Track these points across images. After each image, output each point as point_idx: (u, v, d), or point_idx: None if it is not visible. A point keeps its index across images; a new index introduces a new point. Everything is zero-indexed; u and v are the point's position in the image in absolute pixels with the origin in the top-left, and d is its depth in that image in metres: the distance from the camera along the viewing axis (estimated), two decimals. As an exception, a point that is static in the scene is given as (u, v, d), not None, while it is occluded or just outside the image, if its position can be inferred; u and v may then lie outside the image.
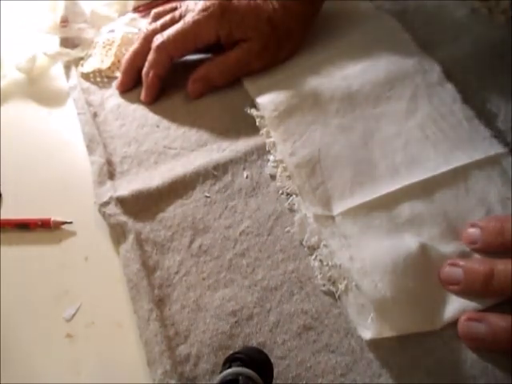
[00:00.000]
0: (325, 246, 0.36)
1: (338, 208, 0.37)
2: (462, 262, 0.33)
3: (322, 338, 0.33)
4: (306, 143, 0.41)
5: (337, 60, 0.46)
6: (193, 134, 0.44)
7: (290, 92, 0.44)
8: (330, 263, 0.35)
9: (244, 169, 0.41)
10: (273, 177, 0.41)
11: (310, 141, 0.41)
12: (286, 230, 0.38)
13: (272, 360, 0.30)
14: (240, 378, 0.28)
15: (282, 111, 0.43)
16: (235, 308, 0.34)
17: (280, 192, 0.40)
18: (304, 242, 0.37)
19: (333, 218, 0.37)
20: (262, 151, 0.42)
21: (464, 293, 0.33)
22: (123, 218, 0.39)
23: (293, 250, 0.37)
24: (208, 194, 0.40)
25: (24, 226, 0.40)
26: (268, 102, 0.44)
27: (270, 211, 0.39)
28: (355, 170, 0.39)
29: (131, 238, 0.37)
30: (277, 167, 0.41)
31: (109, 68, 0.51)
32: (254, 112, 0.44)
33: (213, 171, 0.41)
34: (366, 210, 0.37)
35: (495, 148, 0.39)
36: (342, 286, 0.34)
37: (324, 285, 0.35)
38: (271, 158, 0.42)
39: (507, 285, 0.31)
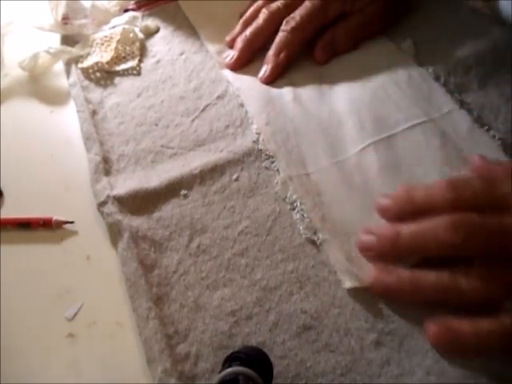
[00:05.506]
0: (302, 203, 0.38)
1: (312, 167, 0.40)
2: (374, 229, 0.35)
3: (321, 338, 0.32)
4: (280, 114, 0.44)
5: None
6: (191, 134, 0.44)
7: None
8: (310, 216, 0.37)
9: (242, 169, 0.41)
10: (255, 142, 0.43)
11: (282, 111, 0.44)
12: (286, 230, 0.38)
13: (272, 359, 0.30)
14: (240, 377, 0.28)
15: None
16: (234, 308, 0.34)
17: (263, 156, 0.42)
18: (287, 200, 0.39)
19: (307, 176, 0.40)
20: (259, 152, 0.42)
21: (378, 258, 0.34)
22: (119, 217, 0.39)
23: (292, 249, 0.37)
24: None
25: (25, 225, 0.40)
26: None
27: (269, 211, 0.39)
28: (325, 132, 0.42)
29: (126, 236, 0.37)
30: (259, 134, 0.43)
31: (108, 62, 0.50)
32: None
33: (210, 172, 0.41)
34: (338, 167, 0.40)
35: (449, 106, 0.42)
36: (322, 235, 0.36)
37: (306, 234, 0.37)
38: (252, 127, 0.44)
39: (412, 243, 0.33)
